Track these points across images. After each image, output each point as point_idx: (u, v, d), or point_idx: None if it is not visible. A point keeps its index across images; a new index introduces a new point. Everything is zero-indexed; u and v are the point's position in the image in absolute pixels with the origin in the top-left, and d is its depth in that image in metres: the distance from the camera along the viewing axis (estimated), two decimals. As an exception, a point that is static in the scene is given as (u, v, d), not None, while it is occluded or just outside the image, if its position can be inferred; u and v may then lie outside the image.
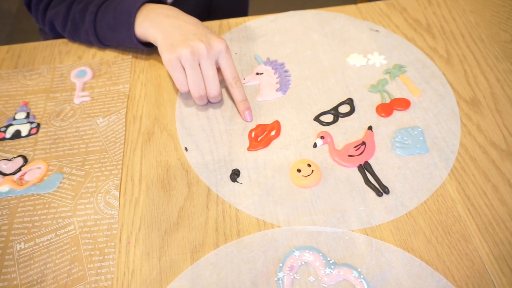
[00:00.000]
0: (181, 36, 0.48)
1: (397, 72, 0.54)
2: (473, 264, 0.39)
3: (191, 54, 0.46)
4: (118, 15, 0.53)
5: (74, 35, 0.58)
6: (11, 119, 0.51)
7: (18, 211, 0.43)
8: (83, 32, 0.57)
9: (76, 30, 0.57)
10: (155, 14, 0.51)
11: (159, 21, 0.51)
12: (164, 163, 0.47)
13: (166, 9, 0.52)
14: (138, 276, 0.39)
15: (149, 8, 0.53)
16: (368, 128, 0.48)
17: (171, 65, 0.47)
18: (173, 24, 0.50)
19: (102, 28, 0.55)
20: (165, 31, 0.49)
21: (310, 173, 0.44)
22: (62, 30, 0.59)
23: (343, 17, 0.62)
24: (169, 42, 0.48)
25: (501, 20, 0.61)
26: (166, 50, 0.48)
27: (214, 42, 0.48)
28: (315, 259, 0.39)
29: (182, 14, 0.52)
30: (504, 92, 0.52)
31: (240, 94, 0.49)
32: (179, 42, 0.47)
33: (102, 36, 0.56)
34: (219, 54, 0.48)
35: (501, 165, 0.45)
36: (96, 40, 0.56)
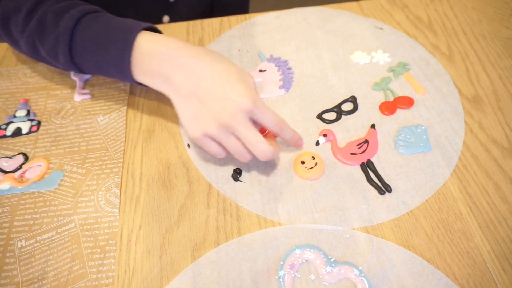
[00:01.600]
0: (199, 100, 0.40)
1: (401, 70, 0.54)
2: (474, 262, 0.39)
3: (219, 129, 0.39)
4: (111, 29, 0.42)
5: (34, 39, 0.45)
6: (12, 117, 0.51)
7: (19, 209, 0.43)
8: (51, 38, 0.43)
9: (41, 33, 0.44)
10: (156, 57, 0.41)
11: (165, 71, 0.41)
12: (164, 161, 0.46)
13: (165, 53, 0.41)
14: (139, 274, 0.39)
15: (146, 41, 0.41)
16: (371, 126, 0.48)
17: (199, 140, 0.41)
18: (182, 82, 0.40)
19: (83, 39, 0.43)
20: (178, 90, 0.40)
21: (313, 165, 0.44)
22: (19, 30, 0.45)
23: (346, 14, 0.62)
24: (189, 109, 0.40)
25: (503, 17, 0.61)
26: (191, 122, 0.40)
27: (239, 106, 0.39)
28: (316, 257, 0.39)
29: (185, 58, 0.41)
30: (506, 90, 0.52)
31: (289, 134, 0.43)
32: (200, 114, 0.40)
33: (78, 50, 0.43)
34: (250, 114, 0.40)
35: (503, 163, 0.45)
36: (66, 53, 0.43)
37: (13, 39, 0.47)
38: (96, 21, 0.43)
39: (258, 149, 0.40)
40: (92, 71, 0.45)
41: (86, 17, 0.43)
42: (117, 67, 0.42)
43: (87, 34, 0.42)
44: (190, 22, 0.61)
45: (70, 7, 0.44)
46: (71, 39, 0.43)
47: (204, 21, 0.62)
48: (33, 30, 0.44)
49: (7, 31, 0.47)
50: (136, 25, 0.42)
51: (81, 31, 0.43)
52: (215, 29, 0.60)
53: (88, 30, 0.43)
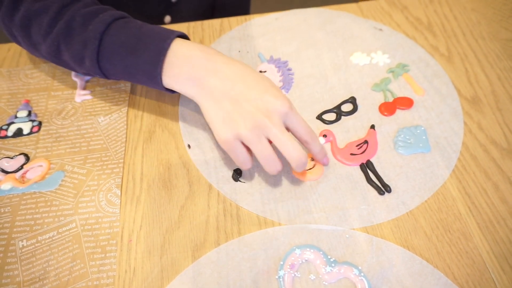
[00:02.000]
0: (231, 104, 0.40)
1: (400, 71, 0.54)
2: (474, 262, 0.39)
3: (252, 131, 0.39)
4: (144, 36, 0.42)
5: (59, 42, 0.44)
6: (13, 117, 0.51)
7: (20, 209, 0.43)
8: (78, 42, 0.43)
9: (68, 36, 0.44)
10: (190, 62, 0.41)
11: (198, 74, 0.41)
12: (165, 162, 0.47)
13: (201, 57, 0.41)
14: (139, 274, 0.39)
15: (180, 48, 0.42)
16: (370, 127, 0.48)
17: (228, 144, 0.40)
18: (217, 84, 0.40)
19: (113, 44, 0.42)
20: (211, 92, 0.40)
21: (312, 166, 0.44)
22: (43, 33, 0.45)
23: (346, 16, 0.62)
24: (221, 111, 0.40)
25: (502, 18, 0.61)
26: (222, 124, 0.40)
27: (274, 107, 0.39)
28: (315, 257, 0.39)
29: (221, 63, 0.42)
30: (505, 90, 0.52)
31: (318, 147, 0.43)
32: (232, 114, 0.39)
33: (107, 55, 0.43)
34: (285, 117, 0.40)
35: (502, 164, 0.45)
36: (93, 57, 0.43)
37: (32, 42, 0.47)
38: (127, 27, 0.43)
39: (293, 153, 0.39)
40: (118, 76, 0.45)
41: (116, 23, 0.43)
42: (148, 71, 0.42)
43: (117, 39, 0.42)
44: (191, 23, 0.61)
45: (99, 11, 0.44)
46: (99, 44, 0.42)
47: (204, 22, 0.62)
48: (59, 33, 0.44)
49: (27, 34, 0.46)
50: (170, 32, 0.43)
51: (111, 36, 0.42)
52: (215, 30, 0.61)
53: (118, 35, 0.42)
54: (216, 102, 0.40)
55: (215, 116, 0.40)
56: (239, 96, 0.40)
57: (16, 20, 0.46)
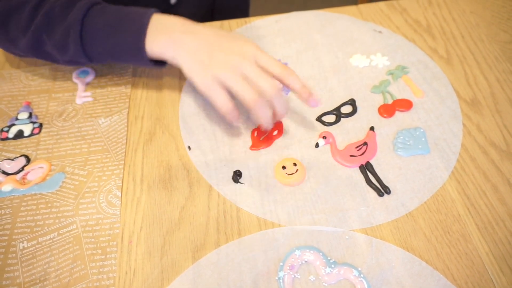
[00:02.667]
0: (208, 52, 0.44)
1: (399, 73, 0.55)
2: (473, 263, 0.39)
3: (229, 69, 0.42)
4: (124, 15, 0.45)
5: (41, 33, 0.45)
6: (14, 119, 0.51)
7: (21, 210, 0.43)
8: (60, 30, 0.45)
9: (49, 26, 0.45)
10: (169, 28, 0.45)
11: (176, 36, 0.45)
12: (165, 163, 0.47)
13: (179, 23, 0.46)
14: (139, 275, 0.39)
15: (160, 19, 0.46)
16: (370, 128, 0.49)
17: (208, 86, 0.43)
18: (194, 39, 0.44)
19: (95, 26, 0.45)
20: (188, 48, 0.44)
21: (294, 171, 0.44)
22: (22, 27, 0.46)
23: (346, 18, 0.62)
24: (198, 61, 0.43)
25: (501, 21, 0.61)
26: (200, 71, 0.43)
27: (244, 48, 0.44)
28: (315, 258, 0.39)
29: (198, 26, 0.46)
30: (504, 92, 0.52)
31: (297, 83, 0.44)
32: (209, 59, 0.43)
33: (90, 38, 0.45)
34: (255, 57, 0.44)
35: (501, 165, 0.45)
36: (77, 42, 0.45)
37: (10, 37, 0.48)
38: (106, 10, 0.46)
39: (265, 83, 0.42)
40: (103, 57, 0.47)
41: (95, 7, 0.46)
42: (132, 46, 0.45)
43: (99, 21, 0.45)
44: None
45: (75, 0, 0.46)
46: (82, 28, 0.44)
47: (204, 24, 0.62)
48: (39, 24, 0.45)
49: (5, 30, 0.47)
50: (148, 9, 0.46)
51: (92, 19, 0.45)
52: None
53: (99, 18, 0.45)
54: (193, 55, 0.44)
55: (193, 66, 0.44)
56: (213, 47, 0.44)
57: None
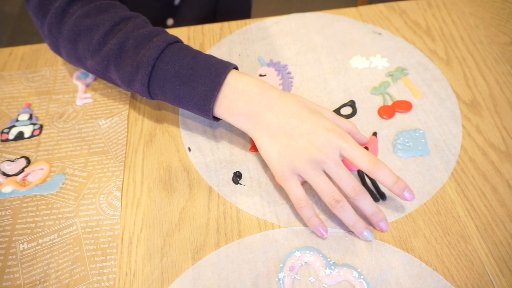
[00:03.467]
0: (287, 138, 0.40)
1: (399, 75, 0.55)
2: (473, 264, 0.39)
3: (308, 164, 0.39)
4: (199, 68, 0.42)
5: (110, 62, 0.44)
6: (14, 121, 0.51)
7: (21, 212, 0.43)
8: (130, 64, 0.43)
9: (119, 57, 0.43)
10: (245, 97, 0.42)
11: (253, 110, 0.41)
12: (165, 165, 0.47)
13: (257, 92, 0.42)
14: (140, 276, 0.39)
15: (236, 81, 0.42)
16: (373, 134, 0.49)
17: (285, 178, 0.40)
18: (272, 120, 0.41)
19: (166, 72, 0.42)
20: (265, 130, 0.41)
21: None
22: (92, 50, 0.44)
23: (345, 20, 0.62)
24: (276, 148, 0.41)
25: (500, 23, 0.61)
26: (276, 159, 0.40)
27: (327, 140, 0.39)
28: (315, 259, 0.39)
29: (276, 98, 0.42)
30: (503, 94, 0.52)
31: (388, 175, 0.39)
32: (288, 148, 0.40)
33: (158, 81, 0.42)
34: (340, 148, 0.39)
35: (500, 167, 0.46)
36: (144, 82, 0.42)
37: (78, 55, 0.47)
38: (181, 54, 0.43)
39: (348, 184, 0.39)
40: (167, 101, 0.45)
41: (169, 48, 0.43)
42: (201, 104, 0.42)
43: (171, 67, 0.42)
44: (191, 27, 0.62)
45: (152, 35, 0.44)
46: (152, 69, 0.42)
47: (204, 26, 0.62)
48: (110, 53, 0.43)
49: (74, 46, 0.46)
50: (225, 64, 0.43)
51: (165, 63, 0.42)
52: (215, 34, 0.61)
53: (172, 62, 0.42)
54: (271, 137, 0.41)
55: (271, 151, 0.41)
56: (293, 131, 0.40)
57: (64, 32, 0.46)
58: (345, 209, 0.39)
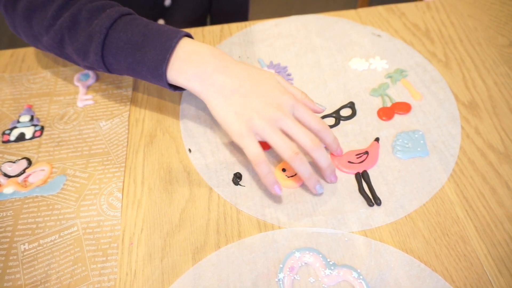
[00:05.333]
0: (242, 97, 0.41)
1: (398, 76, 0.55)
2: (471, 265, 0.39)
3: (266, 121, 0.40)
4: (150, 34, 0.42)
5: (63, 35, 0.44)
6: (15, 122, 0.52)
7: (22, 213, 0.44)
8: (84, 35, 0.43)
9: (73, 29, 0.44)
10: (198, 59, 0.42)
11: (206, 71, 0.42)
12: (166, 166, 0.47)
13: (209, 54, 0.43)
14: (140, 277, 0.39)
15: (188, 46, 0.43)
16: (375, 139, 0.48)
17: (242, 135, 0.40)
18: (226, 81, 0.42)
19: (119, 39, 0.43)
20: (219, 88, 0.42)
21: (294, 174, 0.45)
22: (46, 25, 0.45)
23: (345, 22, 0.63)
24: (232, 109, 0.41)
25: (499, 25, 0.62)
26: (233, 119, 0.41)
27: (281, 100, 0.42)
28: (315, 260, 0.39)
29: (229, 61, 0.43)
30: (501, 96, 0.53)
31: (331, 137, 0.43)
32: (244, 109, 0.41)
33: (112, 51, 0.43)
34: (293, 109, 0.42)
35: (499, 168, 0.46)
36: (98, 51, 0.43)
37: (33, 33, 0.47)
38: (133, 23, 0.43)
39: (305, 136, 0.41)
40: (121, 71, 0.45)
41: (122, 18, 0.44)
42: (153, 68, 0.42)
43: (123, 35, 0.43)
44: (191, 29, 0.62)
45: (106, 7, 0.44)
46: (105, 38, 0.43)
47: (205, 28, 0.63)
48: (63, 25, 0.44)
49: (28, 24, 0.46)
50: (177, 30, 0.43)
51: (117, 31, 0.43)
52: (215, 36, 0.61)
53: (124, 31, 0.43)
54: (226, 98, 0.42)
55: (227, 112, 0.41)
56: (248, 93, 0.42)
57: (19, 10, 0.46)
58: (303, 162, 0.41)
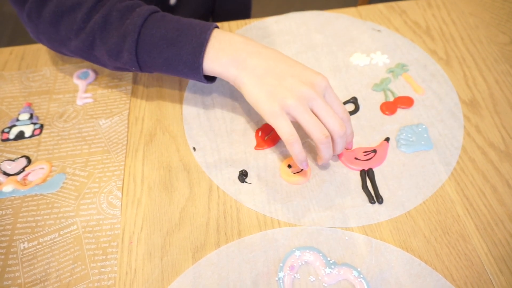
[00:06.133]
0: (276, 79, 0.41)
1: (399, 71, 0.55)
2: (472, 264, 0.39)
3: (298, 101, 0.40)
4: (184, 28, 0.43)
5: (95, 37, 0.44)
6: (15, 120, 0.51)
7: (22, 211, 0.44)
8: (116, 35, 0.43)
9: (105, 30, 0.44)
10: (232, 46, 0.43)
11: (240, 56, 0.42)
12: (166, 164, 0.47)
13: (242, 42, 0.43)
14: (140, 275, 0.39)
15: (221, 36, 0.44)
16: (385, 139, 0.48)
17: (275, 116, 0.40)
18: (260, 63, 0.42)
19: (153, 36, 0.43)
20: (254, 70, 0.42)
21: (300, 170, 0.45)
22: (75, 28, 0.45)
23: (345, 18, 0.63)
24: (265, 86, 0.41)
25: (500, 22, 0.61)
26: (265, 99, 0.41)
27: (315, 80, 0.42)
28: (315, 259, 0.39)
29: (262, 48, 0.44)
30: (502, 94, 0.52)
31: (350, 128, 0.44)
32: (277, 88, 0.41)
33: (146, 48, 0.43)
34: (325, 91, 0.42)
35: (500, 166, 0.46)
36: (132, 50, 0.43)
37: (60, 38, 0.47)
38: (165, 20, 0.44)
39: (335, 122, 0.41)
40: (155, 68, 0.45)
41: (153, 16, 0.44)
42: (190, 61, 0.43)
43: (156, 31, 0.43)
44: (191, 27, 0.62)
45: (135, 6, 0.45)
46: (139, 36, 0.43)
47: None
48: (95, 27, 0.44)
49: (55, 29, 0.46)
50: (209, 23, 0.44)
51: (150, 29, 0.43)
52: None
53: (157, 27, 0.43)
54: (260, 79, 0.42)
55: (259, 92, 0.41)
56: (283, 73, 0.42)
57: (45, 15, 0.46)
58: (329, 146, 0.42)
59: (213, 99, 0.53)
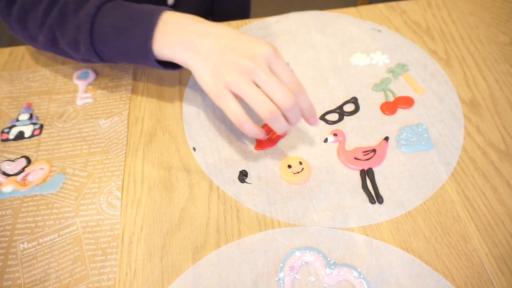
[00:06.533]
0: (218, 54, 0.40)
1: (400, 71, 0.55)
2: (472, 264, 0.39)
3: (239, 76, 0.38)
4: (133, 14, 0.43)
5: (54, 31, 0.45)
6: (15, 120, 0.51)
7: (22, 211, 0.44)
8: (71, 28, 0.44)
9: (62, 23, 0.44)
10: (180, 28, 0.42)
11: (186, 37, 0.41)
12: (166, 164, 0.47)
13: (191, 23, 0.42)
14: (140, 276, 0.39)
15: (170, 18, 0.43)
16: (384, 138, 0.48)
17: (219, 95, 0.39)
18: (205, 41, 0.41)
19: (104, 26, 0.43)
20: (198, 51, 0.41)
21: (300, 170, 0.45)
22: (38, 24, 0.45)
23: (345, 18, 0.63)
24: (208, 68, 0.40)
25: (500, 22, 0.61)
26: (209, 77, 0.40)
27: (256, 51, 0.39)
28: (315, 259, 0.39)
29: (211, 26, 0.42)
30: (503, 94, 0.52)
31: (307, 101, 0.41)
32: (219, 65, 0.40)
33: (99, 38, 0.43)
34: (270, 61, 0.39)
35: (500, 166, 0.46)
36: (87, 41, 0.43)
37: (30, 34, 0.47)
38: (116, 8, 0.44)
39: (280, 95, 0.38)
40: (113, 57, 0.45)
41: (106, 5, 0.44)
42: (140, 47, 0.42)
43: (108, 20, 0.43)
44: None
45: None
46: (92, 26, 0.43)
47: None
48: (53, 21, 0.44)
49: (24, 26, 0.47)
50: (158, 7, 0.44)
51: (102, 18, 0.43)
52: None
53: (108, 16, 0.43)
54: (203, 58, 0.41)
55: (203, 72, 0.40)
56: (224, 48, 0.40)
57: (13, 14, 0.46)
58: (280, 119, 0.39)
59: (213, 99, 0.53)
